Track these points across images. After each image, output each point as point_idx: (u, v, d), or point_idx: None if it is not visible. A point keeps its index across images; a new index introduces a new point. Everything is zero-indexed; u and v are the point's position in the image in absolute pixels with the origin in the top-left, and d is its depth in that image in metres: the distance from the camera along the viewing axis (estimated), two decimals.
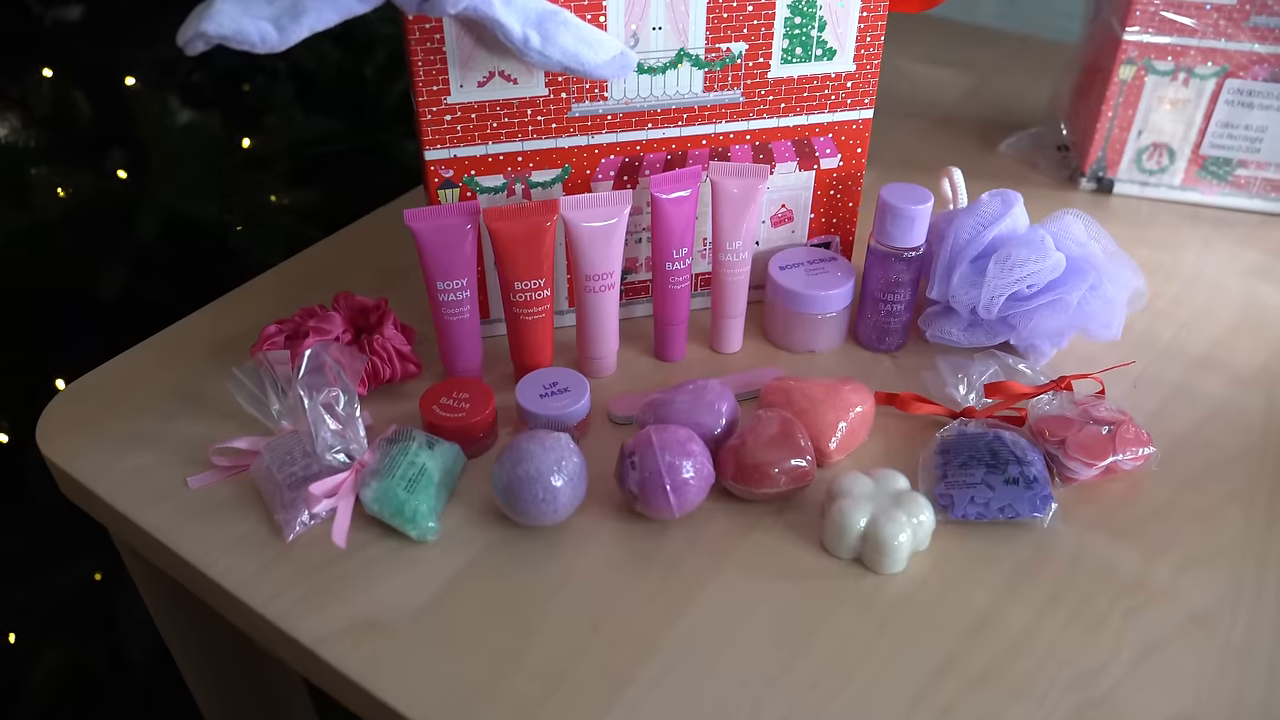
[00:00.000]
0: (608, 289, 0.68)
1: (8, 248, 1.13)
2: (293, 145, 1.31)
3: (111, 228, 1.16)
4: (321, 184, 1.31)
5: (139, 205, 1.16)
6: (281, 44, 0.53)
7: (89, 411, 0.70)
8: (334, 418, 0.60)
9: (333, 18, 0.54)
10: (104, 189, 1.18)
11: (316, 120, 1.35)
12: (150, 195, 1.17)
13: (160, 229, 1.16)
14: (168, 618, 0.79)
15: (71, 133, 1.20)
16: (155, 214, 1.16)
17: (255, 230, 1.24)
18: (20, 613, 1.20)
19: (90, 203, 1.16)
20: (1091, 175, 0.94)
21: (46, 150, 1.18)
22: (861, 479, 0.59)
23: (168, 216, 1.17)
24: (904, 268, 0.70)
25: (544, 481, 0.57)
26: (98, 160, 1.20)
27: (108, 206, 1.16)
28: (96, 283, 1.16)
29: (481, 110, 0.65)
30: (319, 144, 1.32)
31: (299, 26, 0.53)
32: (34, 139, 1.19)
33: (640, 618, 0.55)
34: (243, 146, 1.30)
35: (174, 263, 1.18)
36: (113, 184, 1.19)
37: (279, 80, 1.38)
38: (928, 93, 1.15)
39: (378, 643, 0.53)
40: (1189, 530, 0.60)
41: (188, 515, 0.61)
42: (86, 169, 1.18)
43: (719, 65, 0.66)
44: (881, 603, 0.55)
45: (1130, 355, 0.73)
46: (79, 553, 1.10)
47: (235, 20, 0.52)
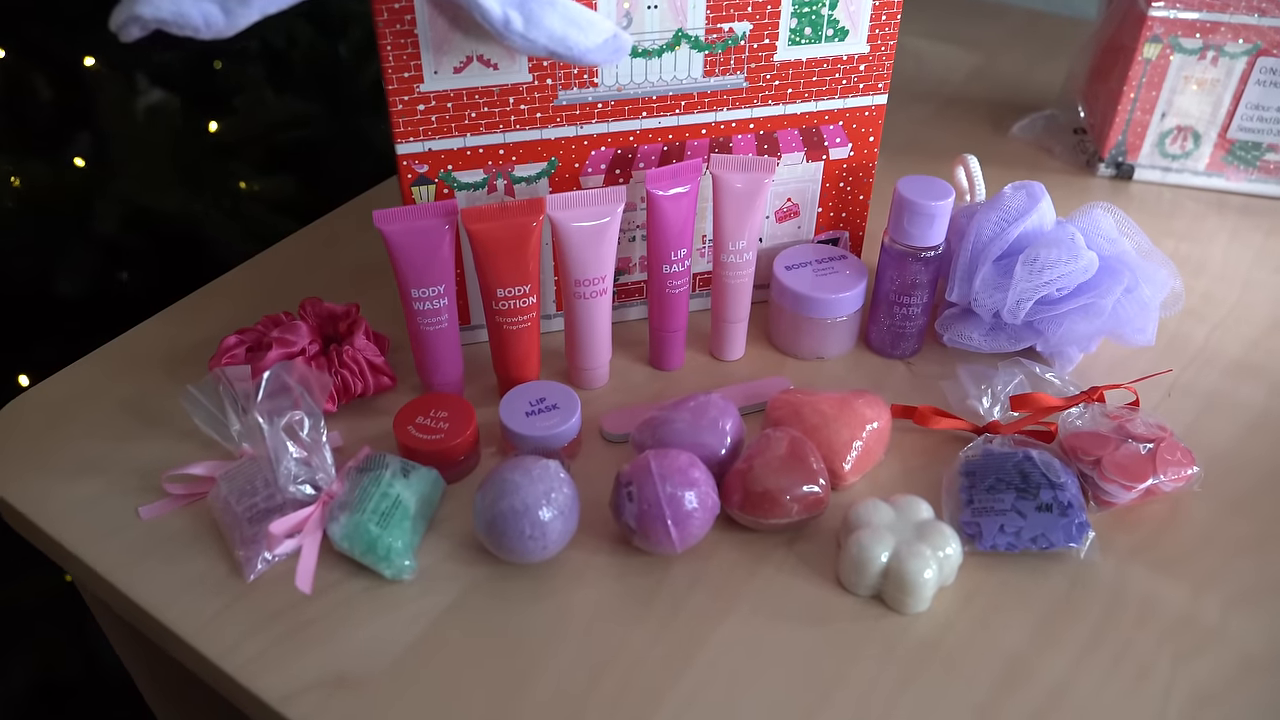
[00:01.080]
0: (599, 295, 0.62)
1: None
2: (264, 129, 1.24)
3: (69, 220, 1.09)
4: (294, 170, 1.24)
5: (98, 196, 1.09)
6: (229, 29, 0.47)
7: (32, 432, 0.63)
8: (298, 444, 0.54)
9: (285, 1, 0.47)
10: (61, 178, 1.10)
11: (289, 102, 1.27)
12: (110, 185, 1.10)
13: (121, 221, 1.09)
14: (129, 650, 0.73)
15: (27, 117, 1.13)
16: (115, 205, 1.09)
17: (223, 222, 1.17)
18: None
19: (46, 193, 1.09)
20: (1110, 160, 0.88)
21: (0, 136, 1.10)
22: (881, 507, 0.54)
23: (129, 207, 1.10)
24: (921, 268, 0.64)
25: (532, 516, 0.51)
26: (55, 147, 1.13)
27: (65, 197, 1.09)
28: (53, 281, 1.10)
29: (458, 99, 0.58)
30: (291, 127, 1.25)
31: (249, 9, 0.46)
32: None
33: (642, 668, 0.49)
34: (209, 130, 1.22)
35: (136, 258, 1.12)
36: (70, 172, 1.12)
37: (249, 60, 1.30)
38: (934, 71, 1.08)
39: (350, 700, 0.48)
40: (1239, 560, 0.55)
41: (139, 551, 0.55)
42: (42, 156, 1.11)
43: (720, 47, 0.60)
44: (906, 647, 0.50)
45: (1161, 359, 0.68)
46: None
47: (175, 3, 0.45)
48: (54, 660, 1.06)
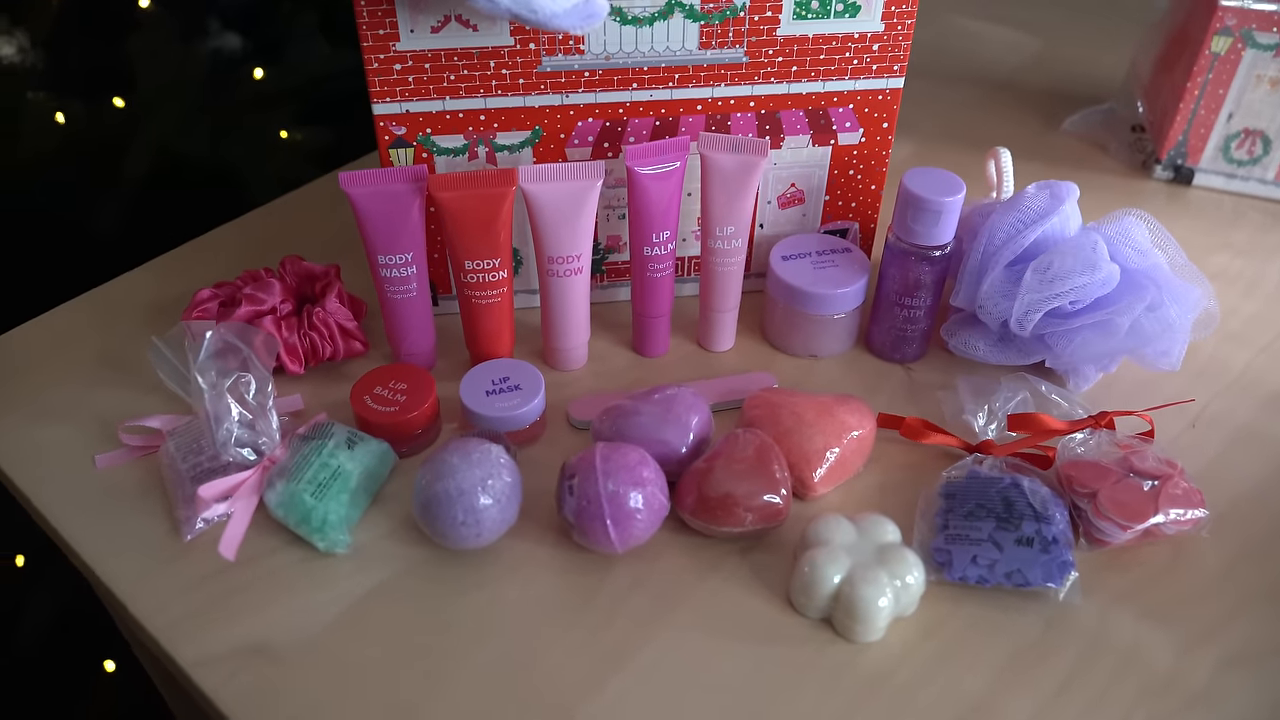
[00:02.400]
0: (574, 274, 0.59)
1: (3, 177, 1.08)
2: (310, 80, 1.23)
3: (104, 160, 1.10)
4: (335, 122, 1.23)
5: (132, 137, 1.10)
6: None
7: (6, 373, 0.63)
8: (244, 407, 0.52)
9: None
10: (100, 118, 1.12)
11: (344, 54, 1.26)
12: (144, 127, 1.11)
13: (152, 162, 1.10)
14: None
15: (73, 56, 1.14)
16: (147, 146, 1.10)
17: (257, 170, 1.17)
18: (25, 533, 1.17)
19: (85, 131, 1.11)
20: (1168, 162, 0.81)
21: (47, 74, 1.12)
22: (842, 525, 0.50)
23: (161, 149, 1.11)
24: (927, 268, 0.60)
25: (466, 502, 0.49)
26: (98, 86, 1.14)
27: (103, 136, 1.11)
28: (90, 217, 1.11)
29: (436, 60, 0.56)
30: (338, 80, 1.24)
31: None
32: (39, 61, 1.13)
33: (566, 674, 0.47)
34: (254, 78, 1.22)
35: (164, 202, 1.13)
36: (109, 113, 1.13)
37: (303, 8, 1.29)
38: (985, 55, 1.01)
39: (260, 673, 0.47)
40: (1241, 617, 0.49)
41: (88, 500, 0.55)
42: (83, 96, 1.12)
43: (718, 18, 0.56)
44: (854, 679, 0.46)
45: (1192, 386, 0.62)
46: None
47: None
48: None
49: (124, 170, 1.10)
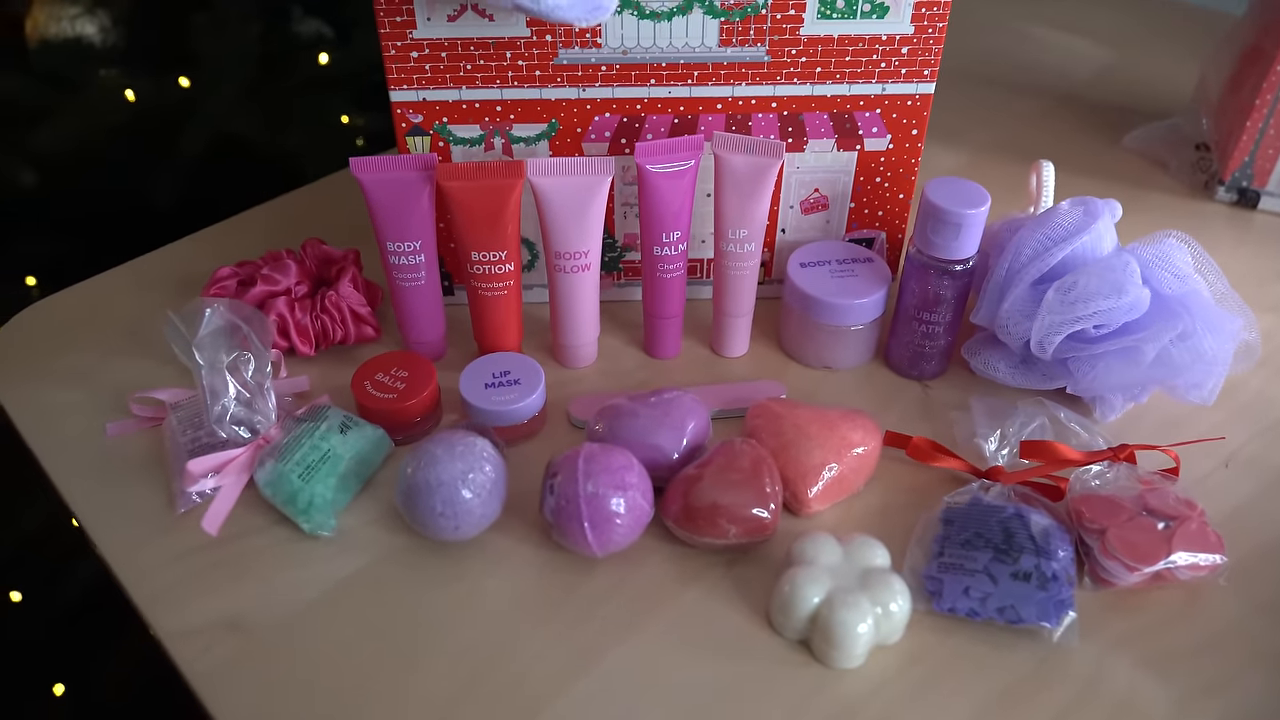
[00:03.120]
0: (582, 270, 0.58)
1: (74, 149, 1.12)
2: (374, 66, 1.25)
3: (166, 137, 1.14)
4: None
5: (195, 115, 1.13)
6: None
7: (37, 337, 0.66)
8: (241, 385, 0.53)
9: None
10: (164, 96, 1.15)
11: None
12: (208, 106, 1.14)
13: (211, 140, 1.13)
14: None
15: (148, 36, 1.18)
16: (208, 124, 1.13)
17: (312, 151, 1.19)
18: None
19: (152, 108, 1.14)
20: (1232, 185, 0.77)
21: (121, 52, 1.15)
22: (829, 544, 0.48)
23: (222, 129, 1.14)
24: (947, 283, 0.57)
25: (445, 493, 0.48)
26: (166, 65, 1.17)
27: (167, 113, 1.14)
28: (150, 189, 1.15)
29: (453, 49, 0.55)
30: None
31: None
32: (117, 40, 1.17)
33: (533, 672, 0.46)
34: (319, 62, 1.25)
35: (224, 175, 1.15)
36: (173, 91, 1.16)
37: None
38: (1054, 64, 0.97)
39: (233, 648, 0.47)
40: (1250, 673, 0.46)
41: (93, 465, 0.57)
42: (152, 74, 1.16)
43: (739, 15, 0.55)
44: (821, 706, 0.45)
45: (1231, 423, 0.59)
46: None
47: None
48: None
49: (183, 146, 1.13)
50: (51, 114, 1.11)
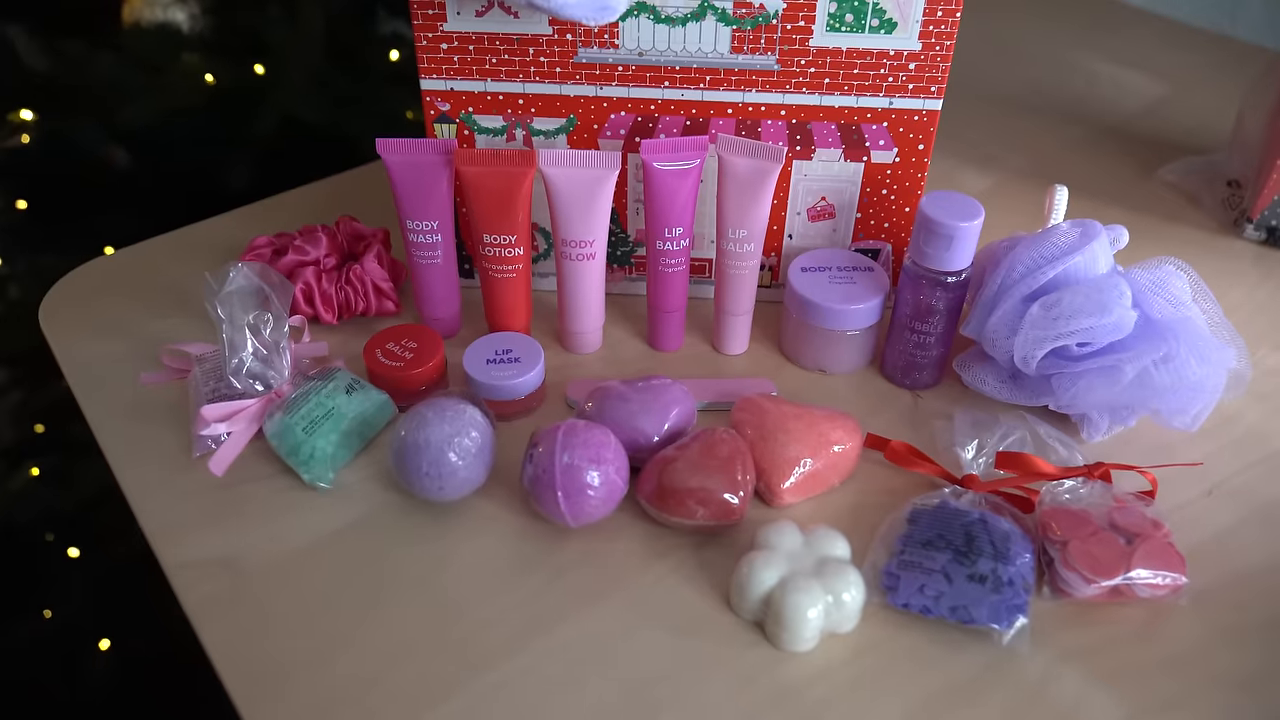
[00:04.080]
0: (587, 259, 0.61)
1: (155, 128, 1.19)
2: None
3: (240, 120, 1.20)
4: None
5: (267, 101, 1.19)
6: None
7: (92, 291, 0.71)
8: (259, 342, 0.57)
9: None
10: (242, 82, 1.22)
11: None
12: (280, 94, 1.20)
13: (282, 125, 1.19)
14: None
15: (232, 25, 1.25)
16: (280, 110, 1.19)
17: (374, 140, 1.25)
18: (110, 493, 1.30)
19: (228, 93, 1.21)
20: (1261, 223, 0.76)
21: (205, 39, 1.23)
22: (790, 532, 0.50)
23: (292, 115, 1.20)
24: (940, 294, 0.58)
25: (431, 454, 0.51)
26: (245, 53, 1.24)
27: (242, 97, 1.20)
28: (223, 172, 1.22)
29: (480, 42, 0.59)
30: None
31: None
32: (204, 27, 1.25)
33: (495, 629, 0.49)
34: (390, 59, 1.31)
35: (292, 159, 1.22)
36: (250, 78, 1.23)
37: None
38: (1101, 97, 0.97)
39: (225, 583, 0.51)
40: (1204, 694, 0.46)
41: (125, 410, 0.61)
42: (232, 60, 1.22)
43: (750, 24, 0.57)
44: (765, 685, 0.46)
45: (1221, 454, 0.58)
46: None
47: None
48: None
49: (256, 129, 1.19)
50: (138, 94, 1.18)
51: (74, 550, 1.52)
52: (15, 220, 1.34)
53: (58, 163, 1.24)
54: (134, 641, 1.33)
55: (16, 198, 1.33)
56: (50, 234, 1.28)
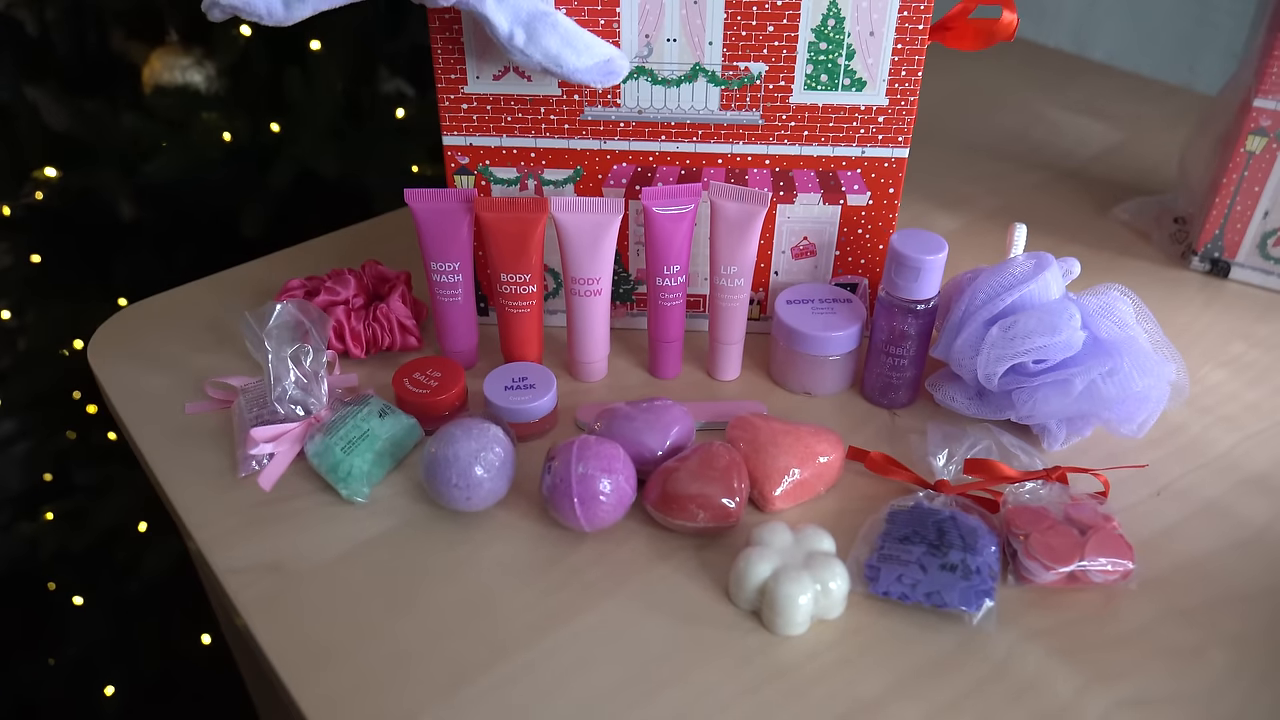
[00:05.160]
0: (594, 294, 0.67)
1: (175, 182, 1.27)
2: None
3: (256, 173, 1.27)
4: None
5: (282, 158, 1.27)
6: (287, 19, 0.57)
7: (138, 330, 0.77)
8: (301, 372, 0.63)
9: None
10: (257, 138, 1.29)
11: None
12: (294, 150, 1.27)
13: (295, 179, 1.27)
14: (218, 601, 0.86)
15: (247, 85, 1.33)
16: (293, 167, 1.26)
17: (384, 196, 1.32)
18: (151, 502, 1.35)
19: (245, 148, 1.28)
20: (1205, 255, 0.83)
21: (223, 98, 1.31)
22: (781, 531, 0.56)
23: (305, 170, 1.27)
24: (911, 320, 0.65)
25: (460, 466, 0.57)
26: (261, 111, 1.32)
27: (258, 153, 1.28)
28: (237, 221, 1.29)
29: (496, 103, 0.66)
30: None
31: (304, 5, 0.56)
32: (220, 88, 1.33)
33: (513, 622, 0.54)
34: (396, 116, 1.39)
35: (303, 211, 1.29)
36: (265, 134, 1.30)
37: None
38: (1063, 143, 1.05)
39: (273, 585, 0.56)
40: (1153, 665, 0.52)
41: (173, 435, 0.67)
42: (248, 117, 1.30)
43: (736, 84, 0.65)
44: (761, 665, 0.52)
45: (1168, 460, 0.65)
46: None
47: None
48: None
49: (270, 183, 1.26)
50: (159, 149, 1.26)
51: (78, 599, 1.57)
52: (29, 274, 1.41)
53: (73, 217, 1.31)
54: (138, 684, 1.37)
55: (31, 252, 1.40)
56: (63, 286, 1.35)
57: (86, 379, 1.32)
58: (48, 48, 1.34)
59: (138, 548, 1.34)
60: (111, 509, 1.35)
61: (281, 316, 0.62)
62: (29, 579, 1.50)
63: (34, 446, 1.48)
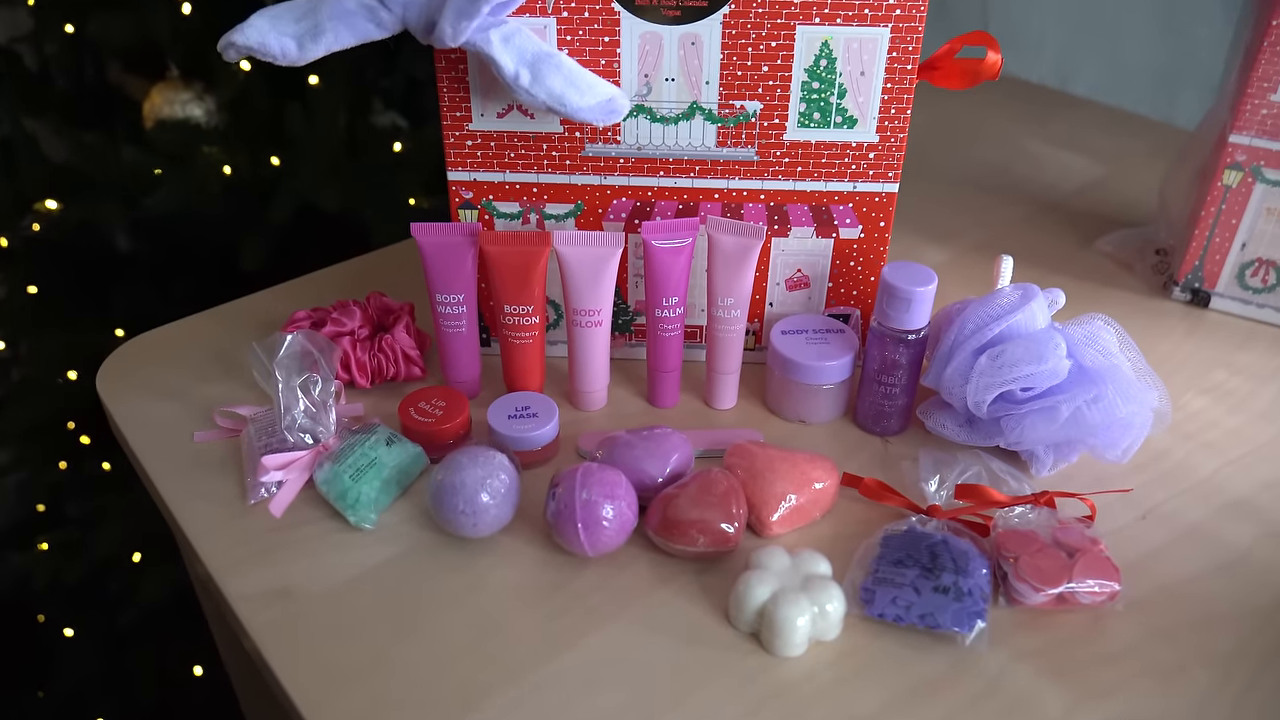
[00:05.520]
0: (595, 325, 0.69)
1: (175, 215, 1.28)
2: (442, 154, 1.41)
3: (256, 207, 1.29)
4: None
5: (281, 190, 1.29)
6: (300, 59, 0.59)
7: (144, 361, 0.79)
8: (310, 401, 0.65)
9: (349, 39, 0.59)
10: (258, 171, 1.31)
11: None
12: (293, 183, 1.29)
13: (296, 212, 1.28)
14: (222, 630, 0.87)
15: (247, 119, 1.35)
16: (293, 199, 1.28)
17: (382, 228, 1.34)
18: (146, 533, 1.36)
19: (245, 182, 1.30)
20: (1186, 285, 0.86)
21: (223, 132, 1.33)
22: (779, 555, 0.58)
23: (305, 203, 1.29)
24: (902, 349, 0.67)
25: (466, 493, 0.59)
26: (263, 146, 1.34)
27: (258, 186, 1.30)
28: (237, 254, 1.30)
29: (500, 139, 0.69)
30: None
31: (317, 46, 0.59)
32: (220, 122, 1.35)
33: (519, 646, 0.56)
34: (394, 150, 1.41)
35: (303, 242, 1.31)
36: (266, 168, 1.32)
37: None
38: (1046, 177, 1.08)
39: (283, 610, 0.58)
40: (1139, 684, 0.54)
41: (182, 464, 0.68)
42: (250, 153, 1.32)
43: (732, 122, 0.67)
44: (761, 685, 0.53)
45: (1153, 484, 0.67)
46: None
47: (262, 35, 0.58)
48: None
49: (271, 215, 1.28)
50: (160, 183, 1.27)
51: (69, 630, 1.56)
52: (24, 304, 1.42)
53: (71, 249, 1.33)
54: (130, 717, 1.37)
55: (28, 283, 1.41)
56: (57, 317, 1.36)
57: (81, 410, 1.33)
58: (47, 82, 1.36)
59: (133, 578, 1.35)
60: (106, 540, 1.35)
61: (292, 347, 0.63)
62: (20, 610, 1.49)
63: (27, 478, 1.48)
